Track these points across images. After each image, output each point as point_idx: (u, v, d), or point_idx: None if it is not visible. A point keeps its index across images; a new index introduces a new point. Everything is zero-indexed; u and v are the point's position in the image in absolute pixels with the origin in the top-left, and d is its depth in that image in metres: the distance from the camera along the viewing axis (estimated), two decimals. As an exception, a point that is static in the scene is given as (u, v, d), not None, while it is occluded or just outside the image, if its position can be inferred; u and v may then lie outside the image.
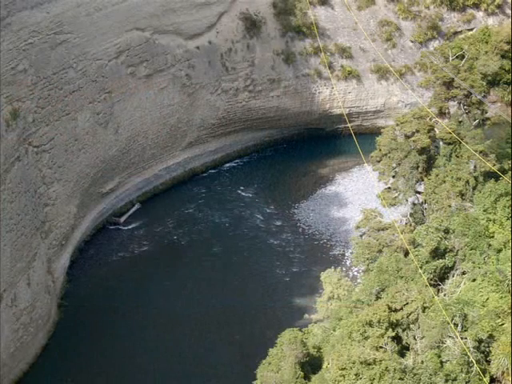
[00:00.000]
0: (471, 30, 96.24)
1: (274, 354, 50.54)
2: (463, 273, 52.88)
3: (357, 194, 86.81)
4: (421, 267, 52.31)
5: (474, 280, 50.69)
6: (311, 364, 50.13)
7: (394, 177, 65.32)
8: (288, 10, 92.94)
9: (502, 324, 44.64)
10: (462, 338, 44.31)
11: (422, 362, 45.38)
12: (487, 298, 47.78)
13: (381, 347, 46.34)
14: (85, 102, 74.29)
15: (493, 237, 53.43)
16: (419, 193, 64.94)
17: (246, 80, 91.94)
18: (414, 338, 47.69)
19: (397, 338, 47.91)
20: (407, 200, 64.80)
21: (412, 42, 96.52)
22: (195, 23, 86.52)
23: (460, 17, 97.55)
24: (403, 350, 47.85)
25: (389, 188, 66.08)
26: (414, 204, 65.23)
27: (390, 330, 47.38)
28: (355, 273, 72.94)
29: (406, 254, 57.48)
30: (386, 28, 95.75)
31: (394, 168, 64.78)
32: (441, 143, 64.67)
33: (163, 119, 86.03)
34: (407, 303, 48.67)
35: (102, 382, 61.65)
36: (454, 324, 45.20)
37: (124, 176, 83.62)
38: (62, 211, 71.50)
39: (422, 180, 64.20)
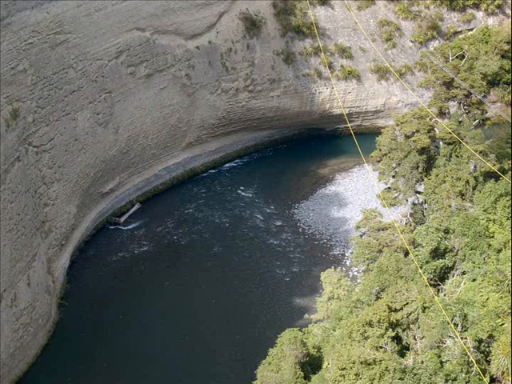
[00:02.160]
0: (471, 30, 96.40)
1: (274, 354, 50.56)
2: (463, 273, 52.89)
3: (357, 194, 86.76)
4: (421, 267, 52.30)
5: (474, 280, 50.70)
6: (311, 364, 50.17)
7: (393, 177, 65.31)
8: (288, 10, 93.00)
9: (502, 324, 44.62)
10: (462, 338, 44.29)
11: (422, 362, 45.40)
12: (487, 298, 47.77)
13: (381, 347, 46.35)
14: (85, 102, 74.31)
15: (493, 237, 53.43)
16: (419, 193, 64.92)
17: (245, 80, 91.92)
18: (414, 337, 47.68)
19: (397, 338, 47.92)
20: (407, 200, 64.78)
21: (412, 42, 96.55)
22: (195, 23, 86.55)
23: (460, 17, 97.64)
24: (403, 350, 47.88)
25: (389, 188, 66.05)
26: (414, 204, 65.19)
27: (390, 330, 47.39)
28: (355, 273, 72.92)
29: (406, 254, 57.46)
30: (386, 28, 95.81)
31: (394, 168, 64.75)
32: (441, 143, 64.66)
33: (163, 119, 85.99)
34: (407, 303, 48.65)
35: (101, 382, 61.61)
36: (454, 324, 45.17)
37: (124, 176, 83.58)
38: (61, 211, 71.49)
39: (422, 180, 64.17)
